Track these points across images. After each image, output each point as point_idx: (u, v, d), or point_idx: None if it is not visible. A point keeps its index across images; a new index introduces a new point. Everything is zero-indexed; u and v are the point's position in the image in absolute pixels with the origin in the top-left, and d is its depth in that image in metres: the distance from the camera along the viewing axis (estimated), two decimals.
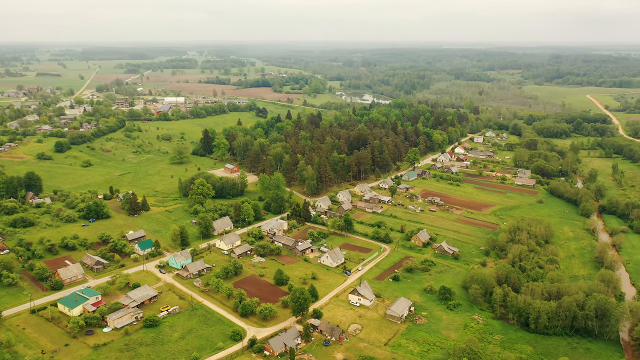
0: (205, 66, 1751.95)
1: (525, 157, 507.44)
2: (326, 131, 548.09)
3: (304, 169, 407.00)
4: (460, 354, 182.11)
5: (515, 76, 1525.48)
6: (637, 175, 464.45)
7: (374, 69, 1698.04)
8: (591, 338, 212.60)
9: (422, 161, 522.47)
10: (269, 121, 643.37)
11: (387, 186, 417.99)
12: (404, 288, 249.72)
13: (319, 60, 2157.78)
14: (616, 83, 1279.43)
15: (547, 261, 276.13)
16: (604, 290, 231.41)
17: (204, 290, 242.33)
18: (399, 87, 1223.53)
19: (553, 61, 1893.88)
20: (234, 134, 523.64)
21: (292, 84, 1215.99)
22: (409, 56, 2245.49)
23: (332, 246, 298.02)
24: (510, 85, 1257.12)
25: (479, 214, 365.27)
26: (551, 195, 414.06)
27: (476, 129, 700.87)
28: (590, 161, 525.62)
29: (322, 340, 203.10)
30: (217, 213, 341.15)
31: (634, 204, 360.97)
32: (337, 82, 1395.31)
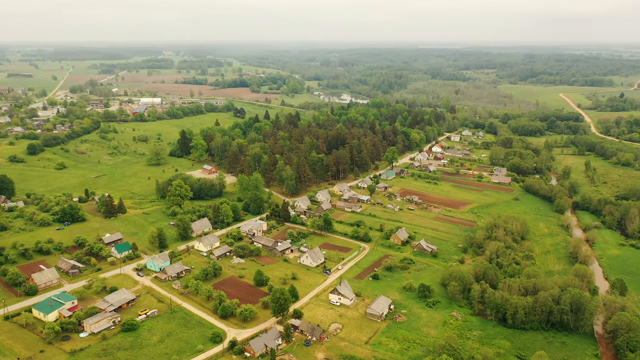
0: (181, 66, 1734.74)
1: (501, 155, 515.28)
2: (305, 131, 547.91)
3: (282, 169, 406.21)
4: (440, 351, 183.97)
5: (490, 75, 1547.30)
6: (608, 172, 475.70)
7: (352, 69, 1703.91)
8: (567, 332, 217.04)
9: (400, 160, 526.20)
10: (247, 121, 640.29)
11: (366, 185, 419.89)
12: (383, 286, 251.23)
13: (296, 60, 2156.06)
14: (588, 82, 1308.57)
15: (524, 257, 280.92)
16: (579, 285, 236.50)
17: (183, 292, 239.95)
18: (377, 86, 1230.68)
19: (527, 61, 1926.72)
20: (211, 134, 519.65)
21: (270, 84, 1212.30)
22: (386, 56, 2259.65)
23: (312, 246, 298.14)
24: (486, 85, 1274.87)
25: (457, 212, 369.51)
26: (527, 192, 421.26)
27: (453, 127, 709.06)
28: (564, 159, 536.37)
29: (303, 340, 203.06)
30: (195, 214, 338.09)
31: (606, 200, 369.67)
32: (315, 82, 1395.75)
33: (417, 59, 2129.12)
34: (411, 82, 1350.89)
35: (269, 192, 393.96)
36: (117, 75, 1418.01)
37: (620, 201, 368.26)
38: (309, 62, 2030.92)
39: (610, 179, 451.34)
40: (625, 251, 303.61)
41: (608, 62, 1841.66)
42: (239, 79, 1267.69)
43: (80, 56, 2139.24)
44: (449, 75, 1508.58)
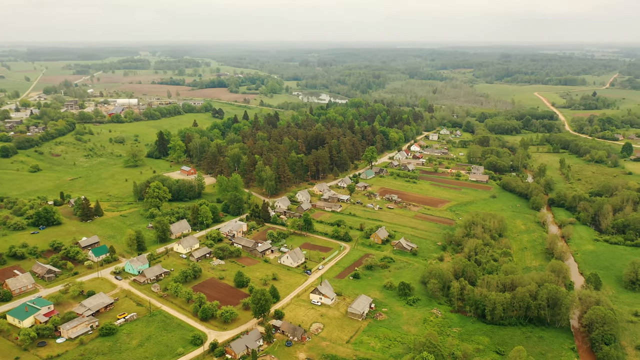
0: (158, 67, 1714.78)
1: (478, 154, 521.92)
2: (284, 131, 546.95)
3: (262, 169, 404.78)
4: (421, 348, 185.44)
5: (467, 75, 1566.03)
6: (582, 169, 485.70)
7: (330, 69, 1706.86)
8: (544, 326, 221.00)
9: (380, 159, 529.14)
10: (226, 122, 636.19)
11: (346, 185, 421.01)
12: (364, 285, 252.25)
13: (275, 60, 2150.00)
14: (561, 81, 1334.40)
15: (501, 254, 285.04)
16: (555, 280, 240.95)
17: (163, 295, 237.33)
18: (355, 86, 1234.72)
19: (502, 60, 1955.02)
20: (190, 135, 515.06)
21: (249, 84, 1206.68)
22: (364, 56, 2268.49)
23: (292, 246, 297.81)
24: (463, 84, 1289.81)
25: (436, 210, 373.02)
26: (504, 190, 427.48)
27: (431, 127, 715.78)
28: (540, 156, 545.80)
29: (285, 340, 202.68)
30: (174, 216, 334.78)
31: (580, 197, 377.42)
32: (294, 82, 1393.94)
33: (395, 58, 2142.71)
34: (389, 81, 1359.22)
35: (249, 192, 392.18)
36: (93, 76, 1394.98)
37: (594, 197, 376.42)
38: (288, 62, 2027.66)
39: (584, 176, 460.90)
40: (600, 246, 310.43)
41: (581, 62, 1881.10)
42: (217, 79, 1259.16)
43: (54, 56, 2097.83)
44: (426, 74, 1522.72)
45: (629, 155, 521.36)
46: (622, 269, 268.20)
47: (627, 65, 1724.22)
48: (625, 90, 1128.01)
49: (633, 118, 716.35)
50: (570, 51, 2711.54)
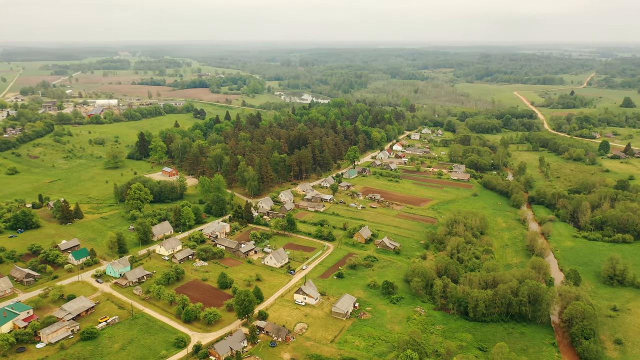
0: (138, 67, 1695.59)
1: (459, 153, 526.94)
2: (266, 131, 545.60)
3: (244, 170, 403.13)
4: (404, 346, 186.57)
5: (447, 74, 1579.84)
6: (561, 167, 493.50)
7: (312, 69, 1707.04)
8: (525, 322, 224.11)
9: (362, 159, 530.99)
10: (208, 122, 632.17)
11: (329, 185, 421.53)
12: (348, 285, 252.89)
13: (256, 60, 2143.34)
14: (540, 80, 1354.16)
15: (483, 251, 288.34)
16: (535, 277, 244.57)
17: (145, 298, 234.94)
18: (337, 86, 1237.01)
19: (482, 60, 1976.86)
20: (171, 136, 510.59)
21: (230, 85, 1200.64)
22: (346, 56, 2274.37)
23: (276, 247, 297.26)
24: (444, 84, 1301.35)
25: (418, 209, 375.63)
26: (485, 188, 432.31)
27: (413, 126, 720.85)
28: (519, 155, 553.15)
29: (269, 341, 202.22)
30: (156, 218, 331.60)
31: (559, 194, 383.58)
32: (276, 82, 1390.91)
33: (376, 58, 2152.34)
34: (371, 81, 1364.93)
35: (231, 193, 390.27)
36: (71, 76, 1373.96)
37: (572, 195, 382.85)
38: (269, 62, 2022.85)
39: (563, 174, 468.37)
40: (578, 243, 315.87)
41: (559, 61, 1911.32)
42: (198, 79, 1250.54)
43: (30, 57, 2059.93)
44: (408, 74, 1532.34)
45: (606, 153, 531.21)
46: (601, 264, 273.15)
47: (603, 65, 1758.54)
48: (602, 89, 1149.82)
49: (610, 116, 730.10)
50: (549, 51, 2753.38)
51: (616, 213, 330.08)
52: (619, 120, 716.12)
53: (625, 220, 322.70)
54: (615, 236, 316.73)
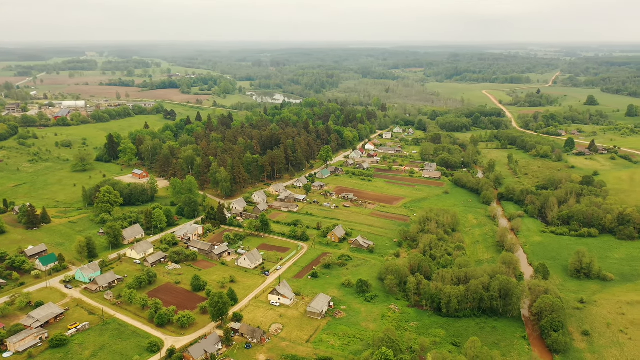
0: (106, 67, 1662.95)
1: (430, 151, 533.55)
2: (238, 132, 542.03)
3: (217, 171, 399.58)
4: (379, 344, 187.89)
5: (418, 74, 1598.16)
6: (529, 164, 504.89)
7: (284, 69, 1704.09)
8: (497, 317, 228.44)
9: (335, 158, 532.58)
10: (178, 123, 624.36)
11: (302, 185, 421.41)
12: (322, 284, 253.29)
13: (227, 60, 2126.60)
14: (508, 79, 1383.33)
15: (455, 248, 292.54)
16: (506, 272, 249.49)
17: (116, 302, 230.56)
18: (309, 86, 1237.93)
19: (452, 60, 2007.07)
20: (141, 137, 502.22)
21: (201, 85, 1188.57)
22: (317, 55, 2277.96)
23: (250, 248, 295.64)
24: (414, 83, 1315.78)
25: (391, 208, 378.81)
26: (456, 185, 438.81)
27: (384, 125, 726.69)
28: (489, 152, 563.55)
29: (244, 343, 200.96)
30: (126, 221, 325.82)
31: (527, 191, 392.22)
32: (247, 82, 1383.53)
33: (347, 58, 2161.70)
34: (343, 81, 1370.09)
35: (204, 195, 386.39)
36: (36, 77, 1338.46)
37: (540, 191, 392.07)
38: (240, 63, 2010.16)
39: (530, 171, 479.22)
40: (546, 237, 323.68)
41: (525, 61, 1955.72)
42: (168, 80, 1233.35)
43: None
44: (379, 74, 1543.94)
45: (571, 149, 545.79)
46: (568, 258, 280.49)
47: (567, 64, 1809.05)
48: (567, 88, 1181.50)
49: (574, 114, 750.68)
50: (515, 51, 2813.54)
51: (582, 208, 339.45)
52: (583, 118, 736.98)
53: (590, 214, 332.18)
54: (582, 230, 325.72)
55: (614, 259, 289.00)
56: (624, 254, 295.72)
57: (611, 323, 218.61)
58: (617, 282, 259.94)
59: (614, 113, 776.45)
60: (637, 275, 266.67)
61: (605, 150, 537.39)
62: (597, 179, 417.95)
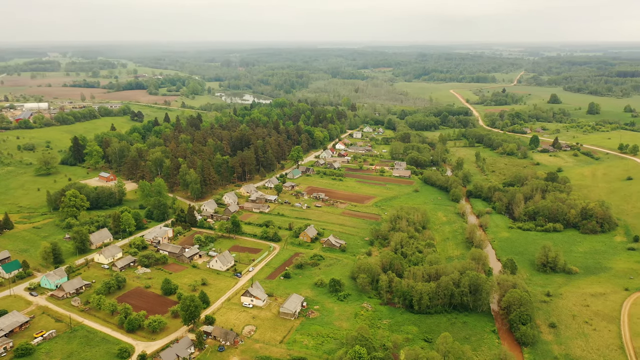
0: (70, 68, 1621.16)
1: (400, 150, 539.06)
2: (207, 133, 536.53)
3: (186, 172, 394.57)
4: (353, 342, 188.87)
5: (387, 74, 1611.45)
6: (496, 161, 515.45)
7: (253, 69, 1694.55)
8: (467, 312, 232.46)
9: (306, 158, 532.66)
10: (146, 125, 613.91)
11: (273, 185, 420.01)
12: (295, 284, 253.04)
13: (195, 60, 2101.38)
14: (474, 78, 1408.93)
15: (426, 245, 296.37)
16: (475, 268, 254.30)
17: (84, 309, 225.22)
18: (279, 86, 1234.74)
19: (419, 59, 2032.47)
20: (107, 140, 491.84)
21: (169, 86, 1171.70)
22: (286, 55, 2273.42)
23: (221, 250, 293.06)
24: (383, 83, 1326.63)
25: (362, 207, 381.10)
26: (425, 184, 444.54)
27: (354, 125, 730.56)
28: (457, 150, 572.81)
29: (217, 346, 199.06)
30: (93, 225, 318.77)
31: (495, 188, 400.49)
32: (216, 82, 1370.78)
33: (317, 58, 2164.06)
34: (312, 81, 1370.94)
35: (173, 197, 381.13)
36: None
37: (507, 188, 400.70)
38: (209, 63, 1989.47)
39: (497, 168, 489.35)
40: (514, 233, 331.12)
41: (491, 60, 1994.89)
42: (135, 81, 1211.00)
43: None
44: (348, 74, 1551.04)
45: (536, 147, 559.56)
46: (535, 253, 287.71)
47: (531, 64, 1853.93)
48: (531, 87, 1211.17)
49: (538, 112, 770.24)
50: (481, 50, 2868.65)
51: (547, 204, 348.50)
52: (547, 116, 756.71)
53: (555, 210, 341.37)
54: (547, 225, 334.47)
55: (578, 252, 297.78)
56: (587, 247, 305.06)
57: (576, 315, 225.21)
58: (582, 275, 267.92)
59: (576, 111, 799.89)
60: (600, 268, 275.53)
61: (569, 147, 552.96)
62: (561, 175, 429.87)
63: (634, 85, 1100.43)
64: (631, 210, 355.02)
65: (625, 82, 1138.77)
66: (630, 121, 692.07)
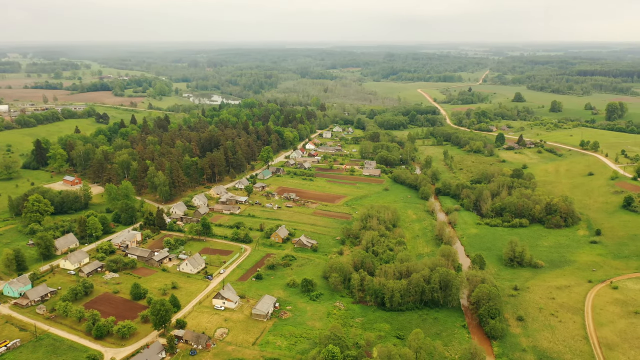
0: (31, 70, 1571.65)
1: (370, 149, 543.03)
2: (176, 134, 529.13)
3: (154, 175, 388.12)
4: (326, 342, 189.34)
5: (355, 74, 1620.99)
6: (463, 159, 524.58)
7: (221, 69, 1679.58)
8: (438, 308, 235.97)
9: (276, 159, 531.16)
10: (112, 127, 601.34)
11: (243, 186, 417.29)
12: (267, 285, 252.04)
13: (162, 61, 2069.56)
14: (441, 78, 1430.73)
15: (396, 243, 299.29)
16: (445, 264, 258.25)
17: (50, 317, 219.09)
18: (248, 86, 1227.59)
19: (387, 59, 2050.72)
20: (72, 142, 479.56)
21: (135, 87, 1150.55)
22: (255, 56, 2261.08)
23: (191, 252, 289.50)
24: (352, 82, 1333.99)
25: (333, 206, 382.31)
26: (395, 182, 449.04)
27: (324, 125, 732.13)
28: (426, 149, 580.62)
29: (189, 350, 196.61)
30: (58, 230, 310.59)
31: (463, 185, 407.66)
32: (184, 83, 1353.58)
33: (285, 58, 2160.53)
34: (281, 81, 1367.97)
35: (141, 200, 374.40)
36: None
37: (474, 185, 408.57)
38: (176, 64, 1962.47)
39: (465, 166, 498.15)
40: (482, 229, 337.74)
41: (457, 60, 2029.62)
42: (100, 82, 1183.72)
43: None
44: (317, 74, 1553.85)
45: (502, 144, 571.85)
46: (502, 248, 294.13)
47: (496, 63, 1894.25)
48: (496, 86, 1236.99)
49: (503, 111, 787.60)
50: (447, 50, 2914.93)
51: (513, 200, 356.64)
52: (511, 114, 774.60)
53: (521, 206, 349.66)
54: (513, 221, 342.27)
55: (544, 246, 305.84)
56: (552, 241, 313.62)
57: (543, 307, 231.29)
58: (547, 269, 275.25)
59: (539, 109, 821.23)
60: (564, 262, 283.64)
61: (533, 145, 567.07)
62: (526, 172, 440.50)
63: (594, 83, 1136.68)
64: (593, 205, 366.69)
65: (585, 81, 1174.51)
66: (590, 118, 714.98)
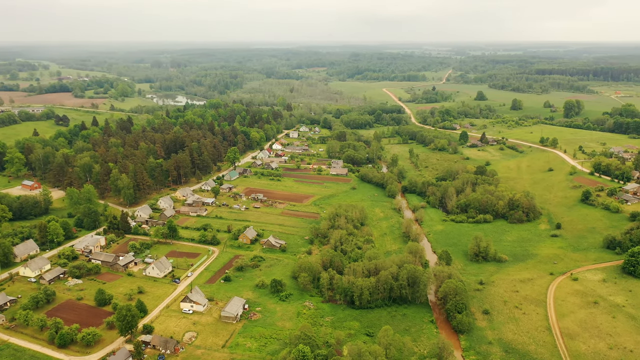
0: None
1: (337, 149, 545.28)
2: (139, 136, 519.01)
3: (118, 178, 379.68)
4: (296, 342, 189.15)
5: (321, 73, 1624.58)
6: (429, 157, 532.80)
7: (185, 70, 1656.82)
8: (406, 304, 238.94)
9: (243, 160, 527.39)
10: (72, 129, 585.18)
11: (210, 188, 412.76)
12: (236, 287, 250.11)
13: (124, 61, 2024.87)
14: (405, 77, 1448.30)
15: (364, 241, 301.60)
16: (413, 261, 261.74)
17: (10, 326, 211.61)
18: (213, 87, 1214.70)
19: (353, 59, 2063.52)
20: (30, 146, 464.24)
21: (96, 88, 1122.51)
22: (219, 56, 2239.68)
23: (158, 256, 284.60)
24: (318, 82, 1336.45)
25: (301, 206, 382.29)
26: (362, 181, 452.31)
27: (291, 125, 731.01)
28: (392, 147, 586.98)
29: (157, 355, 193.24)
30: (17, 237, 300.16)
31: (428, 182, 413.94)
32: (147, 84, 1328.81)
33: (251, 58, 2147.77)
34: (247, 81, 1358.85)
35: (105, 204, 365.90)
36: None
37: (440, 182, 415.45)
38: (138, 64, 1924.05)
39: (430, 163, 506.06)
40: (447, 226, 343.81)
41: (421, 60, 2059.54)
42: (59, 83, 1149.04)
43: None
44: (283, 74, 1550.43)
45: (465, 142, 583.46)
46: (467, 244, 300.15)
47: (458, 62, 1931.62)
48: (459, 85, 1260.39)
49: (466, 109, 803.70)
50: (411, 50, 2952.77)
51: (477, 196, 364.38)
52: (474, 112, 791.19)
53: (485, 202, 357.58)
54: (478, 217, 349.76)
55: (507, 241, 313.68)
56: (515, 236, 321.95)
57: (507, 300, 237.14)
58: (511, 263, 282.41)
59: (501, 107, 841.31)
60: (527, 255, 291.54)
61: (495, 142, 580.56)
62: (489, 169, 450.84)
63: (552, 82, 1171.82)
64: (553, 199, 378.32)
65: (544, 80, 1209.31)
66: (549, 116, 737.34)
